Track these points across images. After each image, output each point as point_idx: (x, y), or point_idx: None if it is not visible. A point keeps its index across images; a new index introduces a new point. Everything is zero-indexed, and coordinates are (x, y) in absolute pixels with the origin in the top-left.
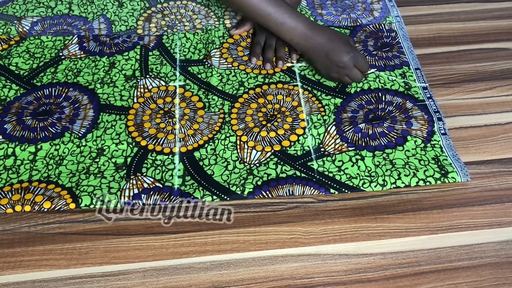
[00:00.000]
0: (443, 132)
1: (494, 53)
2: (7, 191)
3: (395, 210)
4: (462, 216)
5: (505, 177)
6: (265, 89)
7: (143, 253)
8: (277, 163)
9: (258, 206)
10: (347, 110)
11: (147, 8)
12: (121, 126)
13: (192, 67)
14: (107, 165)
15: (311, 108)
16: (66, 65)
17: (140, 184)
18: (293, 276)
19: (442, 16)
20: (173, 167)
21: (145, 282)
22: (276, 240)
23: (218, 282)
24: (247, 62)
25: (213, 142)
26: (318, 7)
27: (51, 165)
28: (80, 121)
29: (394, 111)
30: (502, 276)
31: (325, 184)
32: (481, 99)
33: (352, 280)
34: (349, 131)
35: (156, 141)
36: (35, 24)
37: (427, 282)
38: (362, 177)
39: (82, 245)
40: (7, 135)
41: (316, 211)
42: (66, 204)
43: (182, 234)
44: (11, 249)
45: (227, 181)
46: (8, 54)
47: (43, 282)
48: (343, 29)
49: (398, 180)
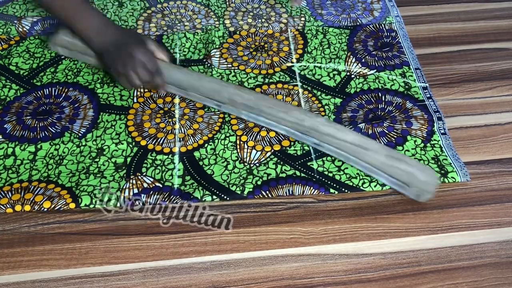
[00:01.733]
0: (442, 132)
1: (494, 53)
2: (7, 191)
3: (395, 210)
4: (462, 216)
5: (505, 177)
6: (265, 89)
7: (143, 253)
8: (277, 163)
9: (258, 206)
10: (347, 110)
11: (147, 8)
12: (121, 126)
13: (192, 67)
14: (107, 165)
15: (311, 108)
16: (66, 65)
17: (140, 183)
18: (293, 276)
19: (442, 16)
20: (173, 167)
21: (145, 282)
22: (276, 240)
23: (218, 282)
24: (247, 62)
25: (213, 142)
26: (318, 7)
27: (51, 164)
28: (80, 121)
29: (394, 111)
30: (502, 276)
31: (325, 184)
32: (481, 99)
33: (352, 280)
34: None
35: (156, 141)
36: (35, 24)
37: (427, 282)
38: (362, 177)
39: (82, 245)
40: (7, 135)
41: (316, 211)
42: (66, 204)
43: (182, 234)
44: (11, 249)
45: (227, 180)
46: (8, 54)
47: (43, 282)
48: (343, 29)
49: None
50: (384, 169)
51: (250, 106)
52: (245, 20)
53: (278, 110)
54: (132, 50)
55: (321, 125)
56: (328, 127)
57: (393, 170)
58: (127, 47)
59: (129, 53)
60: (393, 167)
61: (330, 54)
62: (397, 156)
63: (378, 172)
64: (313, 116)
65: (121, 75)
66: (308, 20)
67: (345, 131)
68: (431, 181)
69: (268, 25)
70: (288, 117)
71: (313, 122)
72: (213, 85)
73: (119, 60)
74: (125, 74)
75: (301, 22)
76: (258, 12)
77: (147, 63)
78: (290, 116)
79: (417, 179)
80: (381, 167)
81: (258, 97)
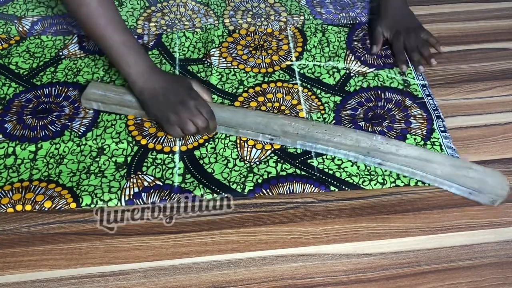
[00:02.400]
0: (442, 130)
1: (494, 53)
2: (8, 190)
3: (395, 210)
4: (462, 216)
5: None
6: (265, 88)
7: (143, 253)
8: (277, 161)
9: (258, 206)
10: (347, 108)
11: (147, 7)
12: (121, 125)
13: (191, 66)
14: (108, 164)
15: (311, 106)
16: (66, 64)
17: (141, 182)
18: (293, 276)
19: (442, 16)
20: (173, 166)
21: (145, 282)
22: (276, 240)
23: (218, 282)
24: (246, 61)
25: (213, 141)
26: (317, 6)
27: (51, 164)
28: (80, 120)
29: (394, 109)
30: (502, 276)
31: (325, 181)
32: (481, 99)
33: (352, 280)
34: None
35: (156, 140)
36: (35, 24)
37: (427, 282)
38: (362, 175)
39: (82, 245)
40: (7, 134)
41: (316, 211)
42: (67, 203)
43: (182, 234)
44: (11, 249)
45: (227, 178)
46: (8, 53)
47: (43, 282)
48: (342, 27)
49: (397, 179)
50: (452, 179)
51: (303, 135)
52: (245, 19)
53: (333, 134)
54: (184, 98)
55: (380, 145)
56: (388, 145)
57: (462, 179)
58: (178, 95)
59: (182, 101)
60: (461, 176)
61: (329, 53)
62: (463, 165)
63: (447, 183)
64: (370, 136)
65: (173, 124)
66: (308, 18)
67: (406, 147)
68: (501, 185)
69: (267, 23)
70: (345, 141)
71: (371, 143)
72: (260, 119)
73: (170, 109)
74: (179, 123)
75: (300, 21)
76: (258, 11)
77: (202, 111)
78: (347, 139)
79: (488, 184)
80: (449, 178)
81: (308, 123)
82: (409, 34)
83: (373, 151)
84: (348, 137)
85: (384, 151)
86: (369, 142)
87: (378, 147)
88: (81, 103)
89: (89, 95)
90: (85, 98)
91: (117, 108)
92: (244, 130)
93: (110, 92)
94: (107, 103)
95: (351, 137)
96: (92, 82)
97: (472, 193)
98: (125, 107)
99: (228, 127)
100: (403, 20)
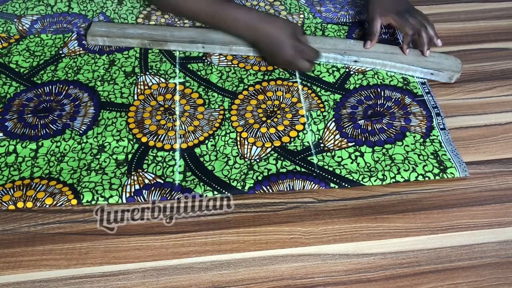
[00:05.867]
0: (442, 127)
1: (494, 53)
2: (9, 188)
3: (395, 210)
4: (462, 216)
5: (505, 177)
6: (265, 86)
7: (143, 253)
8: (277, 159)
9: (258, 206)
10: (347, 106)
11: (146, 6)
12: (121, 123)
13: (191, 64)
14: (108, 162)
15: (311, 104)
16: (66, 62)
17: (141, 180)
18: (293, 276)
19: (442, 16)
20: (174, 163)
21: (145, 282)
22: (276, 240)
23: (218, 282)
24: (246, 59)
25: (214, 139)
26: (316, 4)
27: (52, 162)
28: (81, 118)
29: (393, 106)
30: (502, 276)
31: (325, 178)
32: (481, 99)
33: (352, 280)
34: (348, 127)
35: (156, 137)
36: (35, 22)
37: (427, 282)
38: (362, 172)
39: (82, 245)
40: (8, 133)
41: (316, 211)
42: (67, 200)
43: (182, 234)
44: (11, 249)
45: (227, 176)
46: (8, 52)
47: (43, 282)
48: (341, 25)
49: (397, 175)
50: (416, 64)
51: None
52: None
53: (315, 42)
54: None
55: (353, 46)
56: (359, 45)
57: (423, 63)
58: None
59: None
60: (422, 61)
61: None
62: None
63: (413, 67)
64: (344, 40)
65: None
66: (307, 17)
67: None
68: (455, 64)
69: None
70: (324, 46)
71: (346, 45)
72: None
73: (283, 51)
74: (293, 62)
75: (300, 19)
76: (257, 10)
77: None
78: (325, 44)
79: (445, 65)
80: (413, 63)
81: None
82: (412, 14)
83: (349, 51)
84: (327, 43)
85: (357, 50)
86: (344, 45)
87: (352, 47)
88: (88, 41)
89: (94, 32)
90: (91, 35)
91: (120, 41)
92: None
93: (113, 27)
94: (112, 37)
95: (329, 43)
96: (94, 21)
97: (433, 73)
98: (128, 39)
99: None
100: (398, 2)
